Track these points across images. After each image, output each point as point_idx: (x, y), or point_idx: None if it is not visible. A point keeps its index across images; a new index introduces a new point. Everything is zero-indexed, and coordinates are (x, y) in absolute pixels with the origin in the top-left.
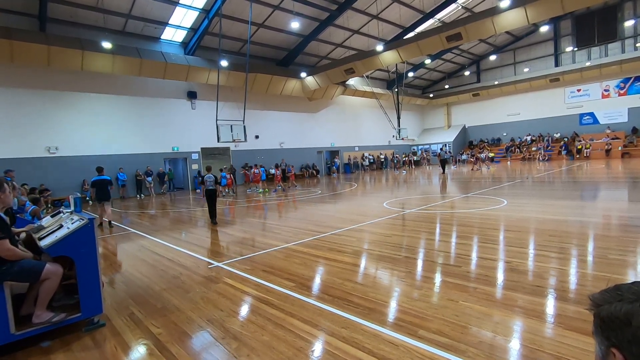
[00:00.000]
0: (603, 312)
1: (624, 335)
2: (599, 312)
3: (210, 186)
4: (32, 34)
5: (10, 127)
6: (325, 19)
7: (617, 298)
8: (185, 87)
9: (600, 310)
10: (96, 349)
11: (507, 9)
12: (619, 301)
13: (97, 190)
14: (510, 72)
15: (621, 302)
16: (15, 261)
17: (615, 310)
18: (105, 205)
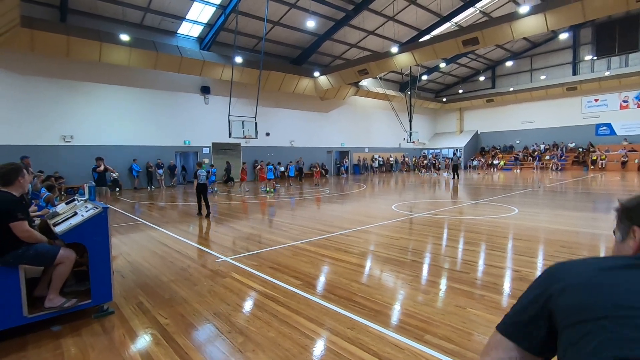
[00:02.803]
0: (630, 203)
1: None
2: (627, 205)
3: (202, 181)
4: (52, 24)
5: (27, 114)
6: (340, 19)
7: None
8: (199, 82)
9: (628, 205)
10: (105, 336)
11: (526, 14)
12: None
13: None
14: (527, 79)
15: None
16: (31, 245)
17: (638, 199)
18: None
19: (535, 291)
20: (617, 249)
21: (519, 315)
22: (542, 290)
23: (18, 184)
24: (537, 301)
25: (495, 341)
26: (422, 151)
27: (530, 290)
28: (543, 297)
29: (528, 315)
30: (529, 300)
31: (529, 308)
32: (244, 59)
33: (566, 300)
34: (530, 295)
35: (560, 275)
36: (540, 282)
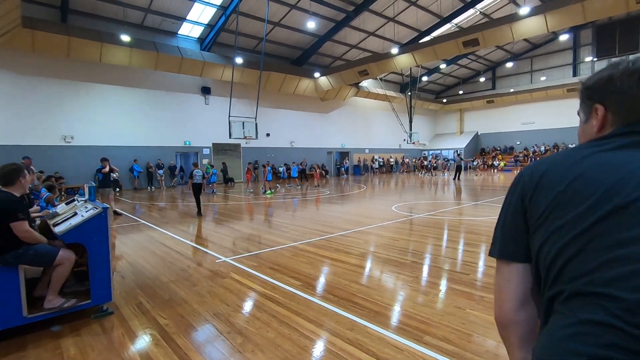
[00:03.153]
0: (590, 81)
1: (607, 89)
2: (587, 83)
3: (197, 181)
4: (53, 25)
5: (28, 114)
6: (341, 20)
7: (600, 71)
8: (199, 83)
9: (587, 83)
10: (104, 336)
11: (527, 16)
12: (601, 71)
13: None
14: (527, 80)
15: (604, 70)
16: (31, 245)
17: (600, 75)
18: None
19: (517, 204)
20: (582, 130)
21: (511, 231)
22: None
23: (19, 184)
24: (518, 204)
25: (498, 281)
26: (423, 152)
27: (508, 201)
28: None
29: (516, 226)
30: (510, 221)
31: (514, 225)
32: (244, 60)
33: (545, 197)
34: (510, 208)
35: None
36: (515, 188)
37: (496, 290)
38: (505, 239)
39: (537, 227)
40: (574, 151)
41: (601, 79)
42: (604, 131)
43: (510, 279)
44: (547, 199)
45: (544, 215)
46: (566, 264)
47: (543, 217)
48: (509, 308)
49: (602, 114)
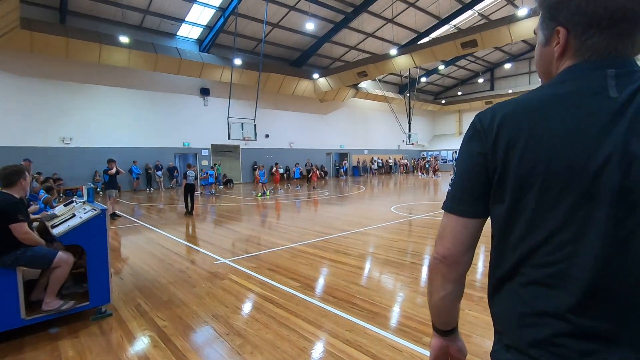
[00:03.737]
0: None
1: (569, 10)
2: (548, 3)
3: (190, 181)
4: (52, 26)
5: (26, 116)
6: (340, 21)
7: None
8: (198, 84)
9: (548, 1)
10: (102, 338)
11: (525, 17)
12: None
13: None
14: (525, 81)
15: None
16: (29, 247)
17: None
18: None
19: (475, 153)
20: (541, 52)
21: (465, 186)
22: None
23: (20, 185)
24: (478, 159)
25: (441, 230)
26: (421, 153)
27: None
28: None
29: (474, 178)
30: (469, 170)
31: (474, 175)
32: (243, 61)
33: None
34: (469, 164)
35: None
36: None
37: (448, 232)
38: (468, 199)
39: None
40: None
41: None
42: (564, 57)
43: (467, 228)
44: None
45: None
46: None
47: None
48: (460, 251)
49: (564, 38)
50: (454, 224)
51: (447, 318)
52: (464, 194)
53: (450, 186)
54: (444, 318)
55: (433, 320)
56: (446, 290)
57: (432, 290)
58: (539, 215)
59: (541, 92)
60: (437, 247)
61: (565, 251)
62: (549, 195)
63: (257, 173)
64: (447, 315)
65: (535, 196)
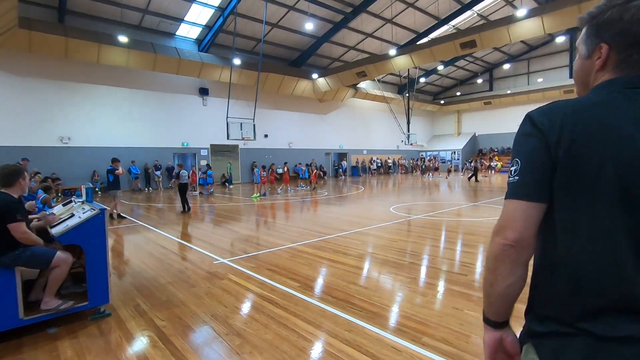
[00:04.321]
0: (600, 18)
1: (614, 29)
2: (597, 19)
3: (183, 181)
4: (50, 25)
5: (24, 115)
6: (339, 21)
7: (610, 5)
8: (197, 84)
9: (598, 18)
10: (101, 338)
11: (524, 18)
12: (613, 7)
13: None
14: (524, 81)
15: (614, 7)
16: (28, 247)
17: (611, 13)
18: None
19: (538, 147)
20: (582, 64)
21: (534, 176)
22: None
23: (18, 185)
24: (547, 156)
25: (508, 216)
26: (420, 153)
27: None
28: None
29: (541, 168)
30: (534, 161)
31: (540, 165)
32: (242, 61)
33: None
34: (533, 156)
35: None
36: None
37: (519, 217)
38: (533, 184)
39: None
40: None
41: (611, 19)
42: (604, 70)
43: (537, 212)
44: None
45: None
46: None
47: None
48: (532, 234)
49: (606, 54)
50: (524, 208)
51: (509, 307)
52: (534, 182)
53: (517, 176)
54: (505, 307)
55: (490, 313)
56: (515, 275)
57: (497, 279)
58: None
59: (589, 97)
60: (507, 232)
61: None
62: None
63: (263, 173)
64: (511, 303)
65: (588, 188)
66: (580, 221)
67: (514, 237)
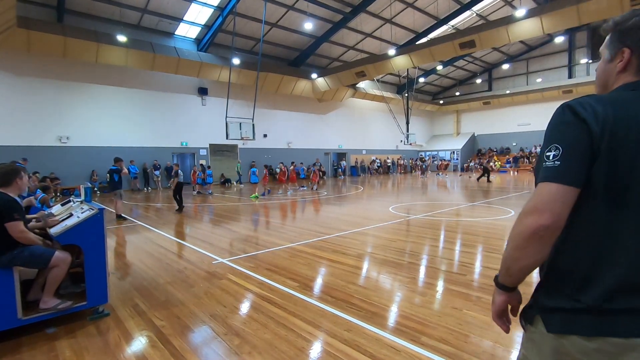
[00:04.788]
0: (624, 25)
1: (637, 36)
2: (621, 25)
3: (182, 179)
4: (49, 25)
5: (23, 115)
6: (338, 21)
7: (633, 15)
8: (196, 83)
9: (622, 25)
10: (100, 338)
11: (523, 18)
12: (636, 16)
13: (108, 180)
14: (523, 81)
15: (637, 16)
16: (26, 246)
17: (634, 21)
18: (113, 197)
19: (579, 134)
20: (605, 67)
21: (574, 162)
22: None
23: (16, 185)
24: (588, 143)
25: (545, 198)
26: (419, 153)
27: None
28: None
29: (582, 156)
30: (575, 147)
31: (579, 152)
32: (241, 61)
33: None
34: (573, 142)
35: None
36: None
37: (559, 200)
38: (574, 169)
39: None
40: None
41: (636, 25)
42: (625, 73)
43: (573, 196)
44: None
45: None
46: None
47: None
48: (565, 217)
49: (628, 57)
50: (564, 192)
51: (525, 277)
52: (577, 168)
53: (558, 161)
54: (522, 278)
55: (507, 282)
56: (543, 254)
57: (525, 256)
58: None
59: (617, 94)
60: (544, 214)
61: None
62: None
63: (266, 172)
64: (527, 275)
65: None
66: (607, 209)
67: (552, 219)
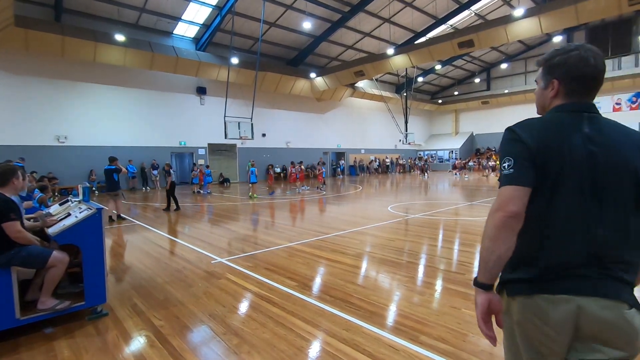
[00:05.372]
0: (551, 62)
1: (562, 69)
2: (549, 62)
3: (173, 179)
4: (47, 24)
5: (21, 114)
6: (337, 20)
7: (558, 52)
8: (195, 83)
9: (550, 61)
10: (98, 338)
11: (521, 17)
12: (559, 55)
13: (105, 180)
14: (521, 81)
15: (560, 55)
16: (23, 246)
17: (559, 58)
18: (110, 197)
19: (523, 150)
20: (541, 93)
21: (525, 169)
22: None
23: (12, 185)
24: (530, 156)
25: (507, 196)
26: (418, 152)
27: (514, 150)
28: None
29: (527, 164)
30: (523, 158)
31: (526, 161)
32: (240, 60)
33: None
34: (521, 155)
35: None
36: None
37: (516, 197)
38: (524, 174)
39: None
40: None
41: (560, 62)
42: (556, 98)
43: (527, 194)
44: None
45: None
46: None
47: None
48: (524, 209)
49: (557, 87)
50: (519, 192)
51: (500, 270)
52: (527, 174)
53: (512, 169)
54: (498, 270)
55: (484, 278)
56: (512, 242)
57: (498, 245)
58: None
59: (548, 118)
60: (509, 208)
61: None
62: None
63: (271, 172)
64: (502, 267)
65: (553, 181)
66: (550, 202)
67: (515, 211)
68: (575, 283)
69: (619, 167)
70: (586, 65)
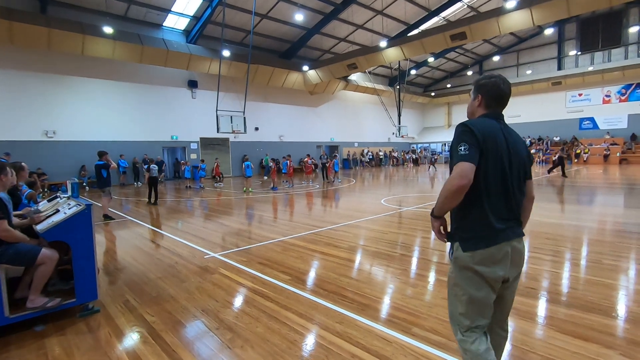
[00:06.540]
0: (480, 82)
1: (485, 90)
2: (479, 82)
3: (153, 174)
4: (32, 16)
5: (8, 109)
6: (329, 12)
7: (484, 78)
8: (186, 76)
9: (479, 82)
10: (90, 335)
11: (513, 9)
12: (484, 79)
13: (95, 176)
14: (513, 73)
15: (484, 79)
16: (11, 244)
17: (484, 81)
18: (101, 194)
19: (473, 139)
20: (471, 104)
21: (474, 151)
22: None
23: (0, 182)
24: (478, 144)
25: (464, 170)
26: (411, 145)
27: (468, 139)
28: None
29: (476, 149)
30: (473, 144)
31: (475, 147)
32: (231, 53)
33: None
34: (472, 142)
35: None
36: (470, 134)
37: (468, 171)
38: (474, 156)
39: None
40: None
41: (485, 83)
42: (480, 108)
43: (474, 170)
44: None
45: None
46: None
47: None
48: (469, 181)
49: (480, 100)
50: (470, 167)
51: (449, 210)
52: (477, 155)
53: (467, 151)
54: (447, 210)
55: (439, 213)
56: (459, 200)
57: (452, 201)
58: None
59: (481, 120)
60: (462, 179)
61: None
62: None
63: (274, 167)
64: (450, 209)
65: (491, 162)
66: (488, 177)
67: (466, 181)
68: (508, 233)
69: (519, 155)
70: (498, 89)
